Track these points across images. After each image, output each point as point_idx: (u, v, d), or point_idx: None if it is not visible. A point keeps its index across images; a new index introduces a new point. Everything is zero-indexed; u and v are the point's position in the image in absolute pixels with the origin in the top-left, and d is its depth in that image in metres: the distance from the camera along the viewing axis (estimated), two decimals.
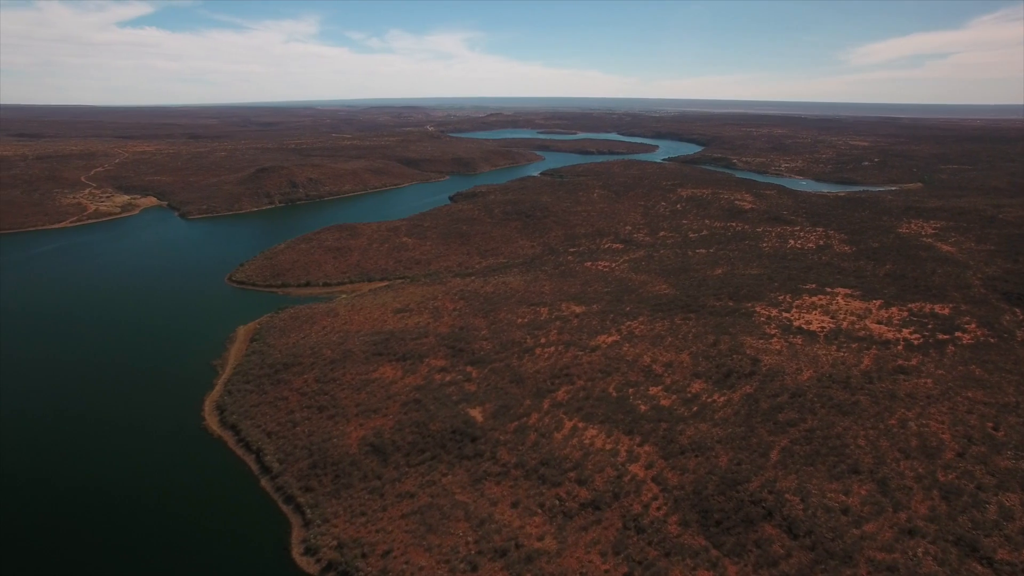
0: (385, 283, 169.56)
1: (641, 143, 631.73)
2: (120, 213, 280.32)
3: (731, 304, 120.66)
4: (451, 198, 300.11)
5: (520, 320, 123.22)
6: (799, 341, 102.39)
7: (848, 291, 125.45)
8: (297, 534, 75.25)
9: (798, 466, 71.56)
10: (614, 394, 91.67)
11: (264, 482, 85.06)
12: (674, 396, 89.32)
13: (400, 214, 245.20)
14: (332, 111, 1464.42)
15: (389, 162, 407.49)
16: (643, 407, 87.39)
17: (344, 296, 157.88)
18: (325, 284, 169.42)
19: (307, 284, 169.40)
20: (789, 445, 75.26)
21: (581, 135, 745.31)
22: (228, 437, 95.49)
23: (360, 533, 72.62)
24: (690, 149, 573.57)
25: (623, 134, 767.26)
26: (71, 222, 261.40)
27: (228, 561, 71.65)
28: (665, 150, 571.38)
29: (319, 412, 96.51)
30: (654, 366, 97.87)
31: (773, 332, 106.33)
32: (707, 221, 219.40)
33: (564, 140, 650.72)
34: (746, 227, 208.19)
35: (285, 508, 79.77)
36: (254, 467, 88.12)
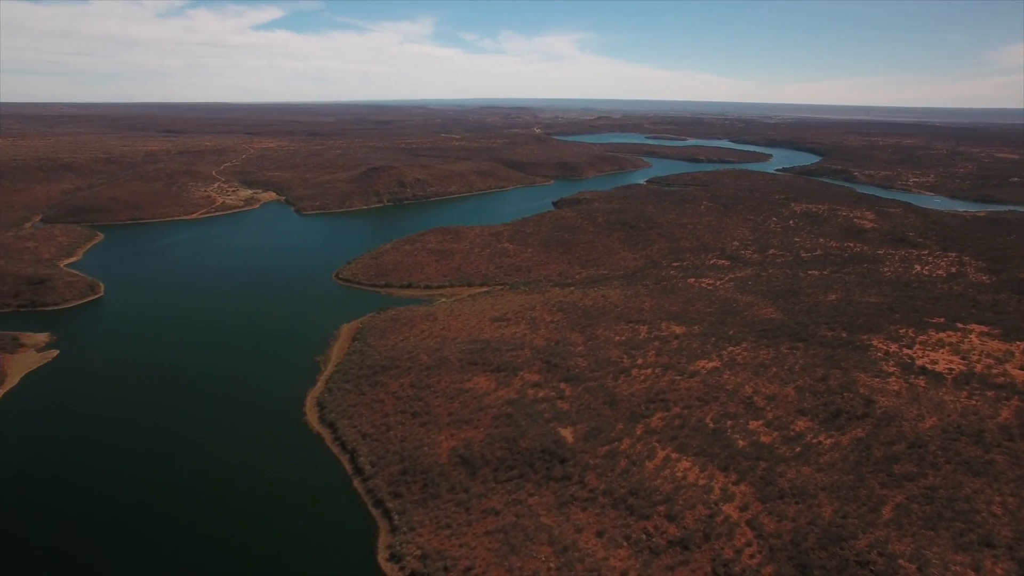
0: (485, 288, 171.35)
1: (753, 151, 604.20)
2: (243, 207, 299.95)
3: (844, 335, 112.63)
4: (555, 204, 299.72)
5: (618, 338, 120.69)
6: (922, 383, 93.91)
7: (984, 328, 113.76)
8: (384, 539, 76.87)
9: (915, 528, 65.34)
10: (711, 425, 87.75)
11: (356, 483, 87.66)
12: (776, 433, 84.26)
13: (503, 218, 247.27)
14: (442, 111, 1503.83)
15: (495, 164, 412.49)
16: (741, 442, 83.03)
17: (444, 300, 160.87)
18: (426, 286, 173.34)
19: (409, 285, 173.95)
20: (905, 502, 68.89)
21: (691, 141, 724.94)
22: (326, 434, 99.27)
23: (444, 546, 73.19)
24: (806, 159, 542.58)
25: (735, 141, 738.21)
26: (201, 214, 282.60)
27: (316, 558, 74.11)
28: (779, 159, 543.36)
29: (412, 418, 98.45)
30: (756, 398, 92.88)
31: (891, 370, 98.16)
32: (822, 240, 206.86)
33: (673, 146, 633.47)
34: (865, 248, 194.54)
35: (374, 511, 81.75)
36: (348, 467, 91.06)
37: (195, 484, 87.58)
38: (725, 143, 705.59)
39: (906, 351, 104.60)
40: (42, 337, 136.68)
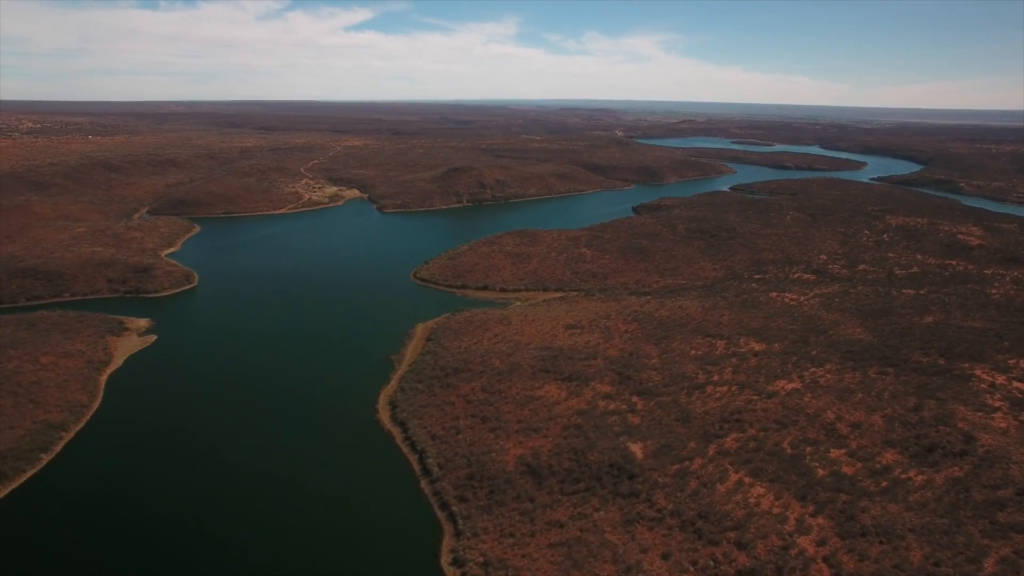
0: (560, 294, 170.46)
1: (846, 159, 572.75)
2: (328, 203, 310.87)
3: (942, 362, 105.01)
4: (634, 209, 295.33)
5: (694, 352, 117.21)
6: None
7: None
8: (447, 542, 77.34)
9: None
10: (788, 450, 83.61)
11: (424, 484, 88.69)
12: (859, 464, 79.36)
13: (581, 222, 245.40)
14: (524, 111, 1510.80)
15: (575, 167, 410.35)
16: (821, 471, 78.65)
17: (518, 303, 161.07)
18: (501, 289, 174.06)
19: (485, 287, 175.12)
20: (1012, 556, 63.05)
21: (778, 147, 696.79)
22: (397, 433, 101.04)
23: (507, 555, 72.92)
24: (906, 168, 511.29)
25: (826, 148, 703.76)
26: (289, 209, 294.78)
27: (380, 556, 75.44)
28: (874, 168, 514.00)
29: (482, 423, 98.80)
30: (838, 424, 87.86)
31: (997, 404, 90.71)
32: (919, 256, 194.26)
33: (759, 152, 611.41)
34: (971, 267, 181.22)
35: (440, 514, 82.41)
36: (416, 467, 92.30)
37: (269, 470, 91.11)
38: (815, 149, 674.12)
39: (1016, 384, 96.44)
40: (143, 322, 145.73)
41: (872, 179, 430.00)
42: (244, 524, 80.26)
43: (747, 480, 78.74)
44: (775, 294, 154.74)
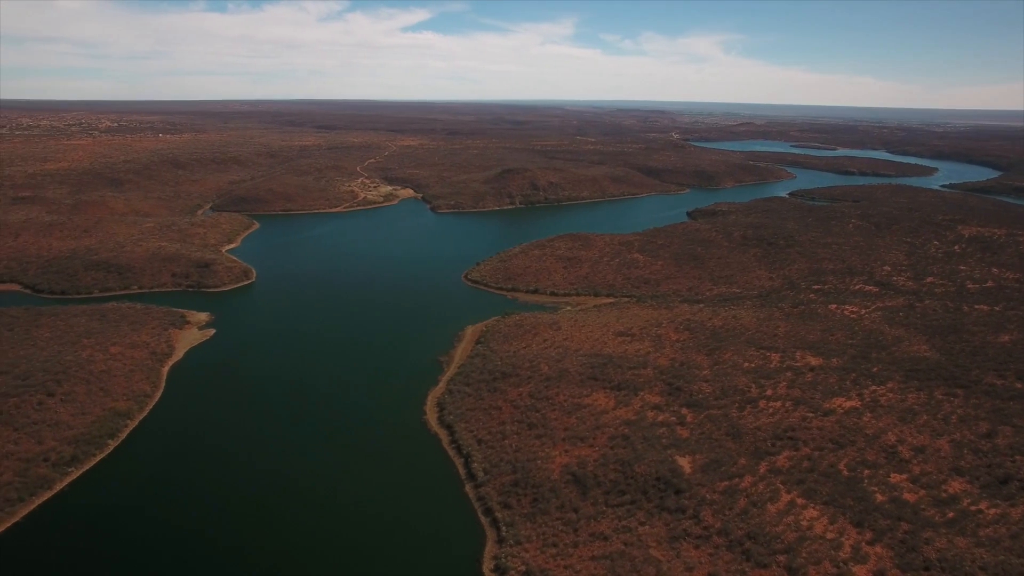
0: (611, 300, 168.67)
1: (915, 164, 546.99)
2: (382, 202, 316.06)
3: (1020, 386, 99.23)
4: (689, 214, 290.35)
5: (747, 364, 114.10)
6: None
7: None
8: (490, 549, 77.22)
9: None
10: (845, 472, 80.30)
11: (468, 488, 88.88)
12: (923, 492, 75.56)
13: (634, 227, 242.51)
14: (579, 112, 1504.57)
15: (629, 170, 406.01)
16: (880, 496, 75.21)
17: (569, 308, 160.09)
18: (552, 293, 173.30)
19: (535, 291, 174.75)
20: None
21: (841, 152, 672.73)
22: (443, 435, 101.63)
23: (549, 565, 72.31)
24: (981, 174, 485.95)
25: (893, 152, 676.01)
26: (344, 207, 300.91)
27: (423, 559, 75.78)
28: (946, 174, 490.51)
29: (528, 429, 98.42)
30: (900, 448, 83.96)
31: None
32: (995, 270, 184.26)
33: (820, 156, 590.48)
34: None
35: (483, 519, 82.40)
36: (461, 471, 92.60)
37: (315, 467, 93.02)
38: (881, 154, 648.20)
39: None
40: (203, 316, 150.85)
41: (943, 186, 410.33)
42: (287, 518, 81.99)
43: (800, 501, 75.96)
44: (834, 306, 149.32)
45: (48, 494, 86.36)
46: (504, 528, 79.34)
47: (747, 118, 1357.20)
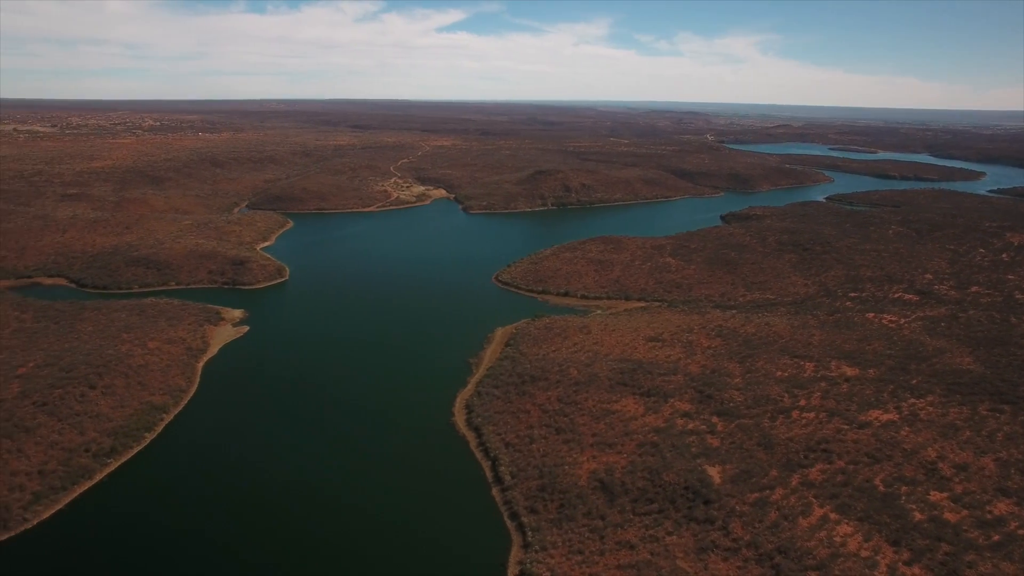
0: (642, 304, 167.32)
1: (961, 168, 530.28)
2: (414, 202, 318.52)
3: None
4: (723, 218, 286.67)
5: (780, 373, 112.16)
6: None
7: None
8: (515, 554, 77.18)
9: None
10: (881, 488, 78.28)
11: (495, 491, 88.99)
12: (965, 512, 73.21)
13: (667, 230, 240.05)
14: (612, 112, 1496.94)
15: (663, 172, 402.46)
16: (918, 515, 73.13)
17: (599, 312, 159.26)
18: (583, 296, 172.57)
19: (566, 294, 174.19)
20: None
21: (881, 155, 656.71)
22: (471, 438, 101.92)
23: (574, 572, 72.04)
24: None
25: (937, 156, 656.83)
26: (377, 207, 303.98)
27: (448, 562, 76.04)
28: (995, 178, 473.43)
29: (556, 433, 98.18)
30: (941, 464, 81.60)
31: None
32: None
33: (859, 160, 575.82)
34: None
35: (509, 524, 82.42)
36: (488, 474, 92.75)
37: (342, 464, 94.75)
38: (924, 158, 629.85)
39: None
40: (237, 313, 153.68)
41: (991, 191, 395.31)
42: (310, 514, 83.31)
43: (833, 516, 74.31)
44: (872, 315, 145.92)
45: (88, 484, 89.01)
46: (530, 533, 79.26)
47: (784, 120, 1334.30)
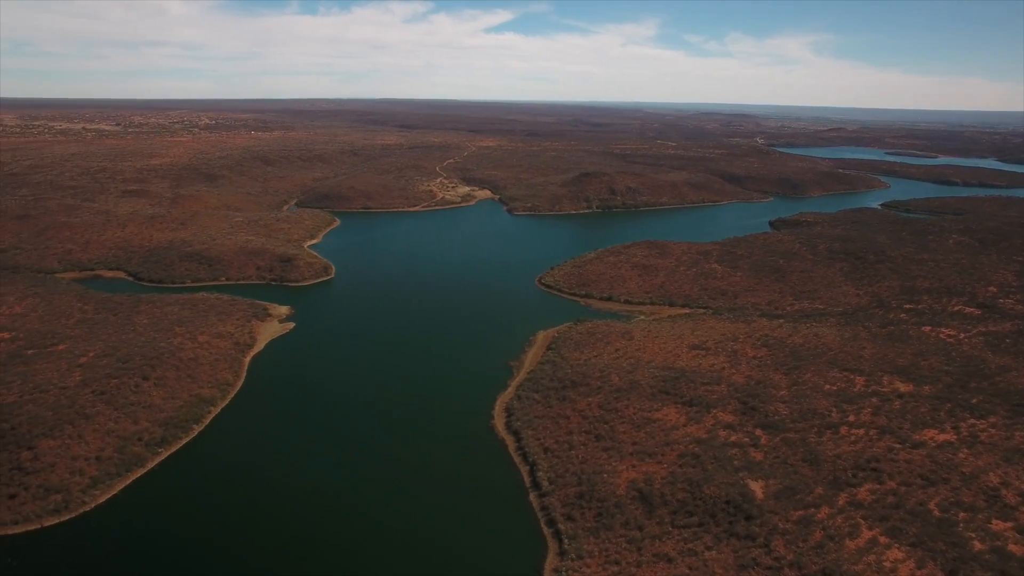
0: (686, 311, 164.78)
1: None
2: (459, 202, 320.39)
3: None
4: (771, 224, 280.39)
5: (828, 386, 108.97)
6: None
7: None
8: (551, 561, 76.81)
9: None
10: (936, 513, 75.09)
11: (532, 497, 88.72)
12: None
13: (713, 236, 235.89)
14: (660, 114, 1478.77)
15: (710, 176, 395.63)
16: (978, 544, 69.83)
17: (642, 318, 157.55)
18: (626, 301, 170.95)
19: (609, 298, 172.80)
20: None
21: (942, 160, 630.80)
22: (510, 442, 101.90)
23: None
24: None
25: (1005, 161, 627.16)
26: (422, 207, 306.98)
27: (484, 567, 76.28)
28: None
29: (596, 441, 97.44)
30: (1004, 491, 77.84)
31: None
32: None
33: (918, 165, 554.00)
34: None
35: (546, 530, 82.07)
36: (526, 479, 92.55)
37: (380, 462, 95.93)
38: (991, 163, 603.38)
39: None
40: (284, 310, 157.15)
41: None
42: (345, 513, 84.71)
43: (883, 540, 71.63)
44: (928, 328, 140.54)
45: (140, 471, 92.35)
46: (566, 541, 78.77)
47: (838, 123, 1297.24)
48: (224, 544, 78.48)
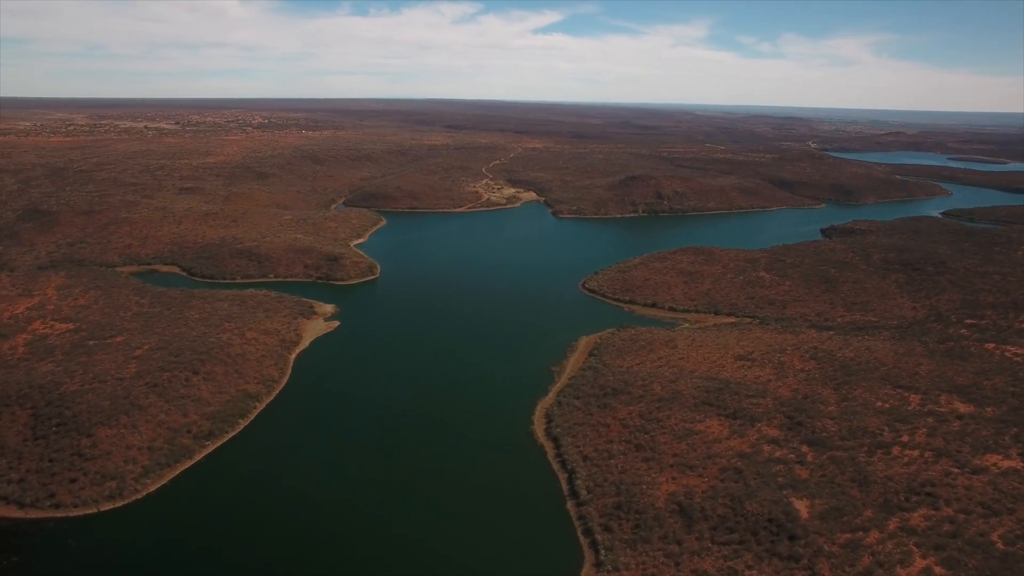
0: (732, 320, 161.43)
1: None
2: (505, 204, 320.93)
3: None
4: (823, 231, 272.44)
5: (880, 404, 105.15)
6: None
7: None
8: (587, 571, 75.99)
9: None
10: (1000, 545, 71.10)
11: (570, 505, 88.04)
12: None
13: (761, 243, 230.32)
14: (709, 117, 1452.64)
15: (760, 181, 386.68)
16: None
17: (687, 326, 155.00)
18: (671, 308, 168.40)
19: (653, 305, 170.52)
20: None
21: (1012, 166, 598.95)
22: (549, 448, 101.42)
23: None
24: None
25: None
26: (468, 208, 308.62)
27: (519, 574, 76.00)
28: None
29: (636, 450, 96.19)
30: None
31: None
32: None
33: (984, 171, 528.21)
34: None
35: (583, 540, 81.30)
36: (564, 486, 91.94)
37: (417, 464, 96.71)
38: None
39: None
40: (329, 308, 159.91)
41: None
42: (377, 518, 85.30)
43: (938, 570, 68.38)
44: (992, 345, 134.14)
45: (188, 463, 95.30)
46: (603, 552, 77.84)
47: (897, 127, 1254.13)
48: (253, 548, 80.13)
